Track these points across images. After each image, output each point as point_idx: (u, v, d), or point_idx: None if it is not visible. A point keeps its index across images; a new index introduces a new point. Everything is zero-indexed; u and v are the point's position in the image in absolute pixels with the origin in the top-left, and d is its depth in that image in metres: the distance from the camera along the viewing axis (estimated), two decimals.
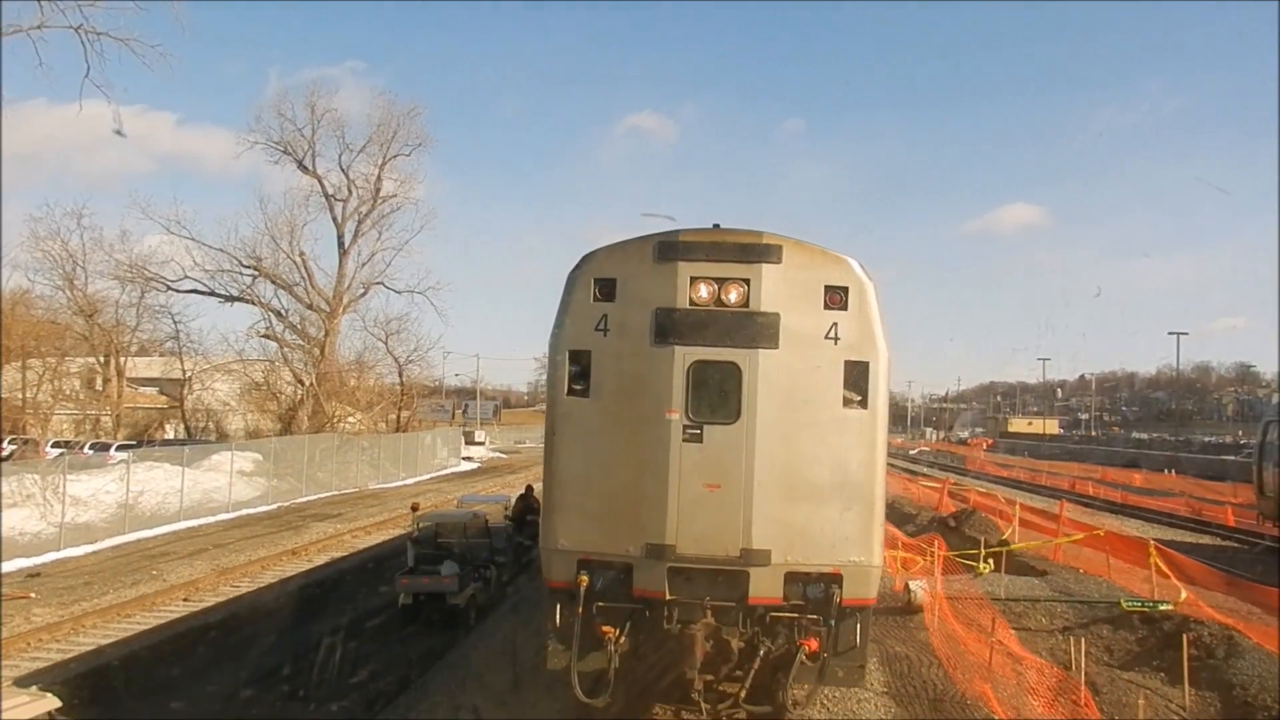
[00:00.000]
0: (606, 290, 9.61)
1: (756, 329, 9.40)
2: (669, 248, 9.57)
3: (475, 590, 18.49)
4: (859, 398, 9.44)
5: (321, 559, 26.11)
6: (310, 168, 58.41)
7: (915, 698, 13.03)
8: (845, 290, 9.52)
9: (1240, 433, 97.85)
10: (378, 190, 59.67)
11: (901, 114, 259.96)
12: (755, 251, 9.50)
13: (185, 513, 32.18)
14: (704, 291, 9.45)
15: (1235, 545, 31.45)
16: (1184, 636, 14.34)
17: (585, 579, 9.42)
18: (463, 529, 19.36)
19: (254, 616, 19.04)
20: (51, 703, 6.80)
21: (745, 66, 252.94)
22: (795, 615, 9.48)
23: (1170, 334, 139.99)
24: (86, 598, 19.78)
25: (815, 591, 9.42)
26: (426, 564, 18.46)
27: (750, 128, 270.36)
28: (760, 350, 9.38)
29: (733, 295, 9.44)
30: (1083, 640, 13.87)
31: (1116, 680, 14.08)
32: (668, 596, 9.38)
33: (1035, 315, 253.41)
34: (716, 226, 9.98)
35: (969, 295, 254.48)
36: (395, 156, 59.99)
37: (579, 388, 9.60)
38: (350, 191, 59.51)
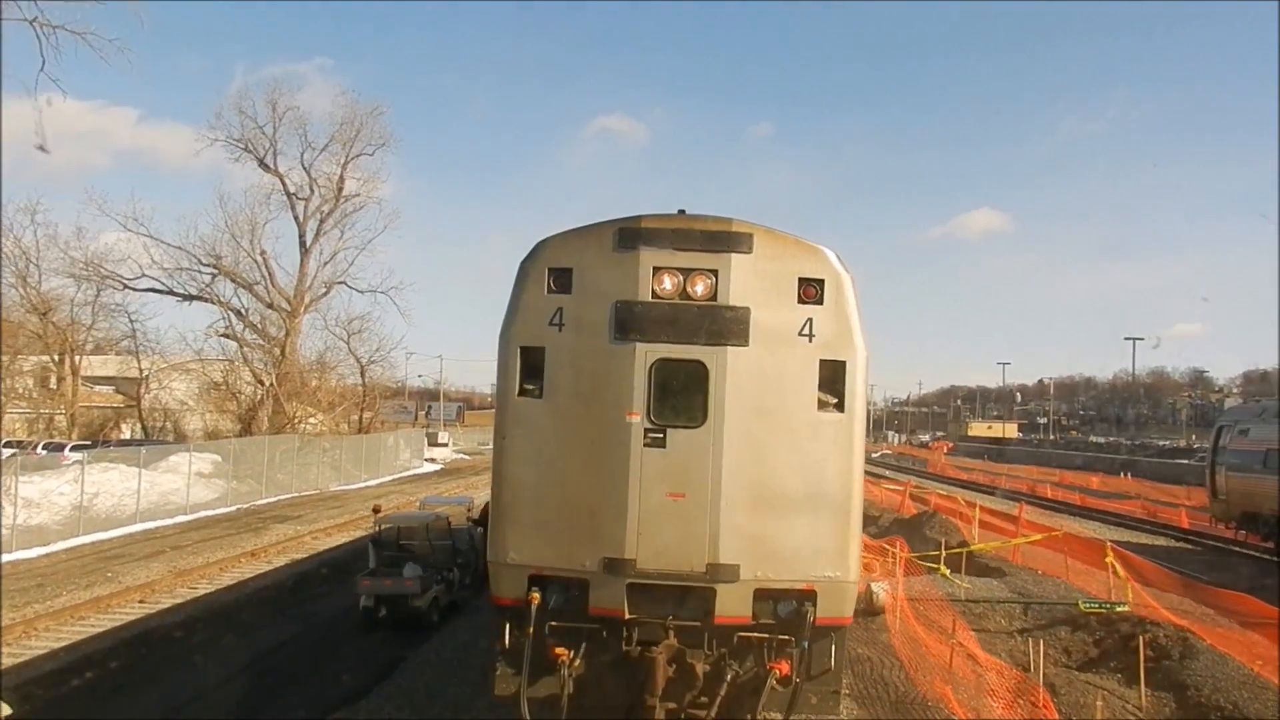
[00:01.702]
0: (562, 281, 8.84)
1: (725, 324, 8.67)
2: (630, 235, 8.81)
3: (438, 592, 18.36)
4: (835, 400, 8.76)
5: (281, 561, 25.82)
6: (272, 166, 57.53)
7: (877, 699, 13.11)
8: (821, 283, 8.81)
9: (1194, 437, 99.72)
10: (340, 189, 58.94)
11: (869, 119, 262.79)
12: (724, 240, 8.77)
13: (142, 515, 31.67)
14: (668, 283, 8.72)
15: (1188, 547, 32.06)
16: (1140, 638, 14.58)
17: (537, 596, 8.66)
18: (425, 531, 19.21)
19: (212, 619, 18.76)
20: (3, 710, 6.63)
21: (715, 69, 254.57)
22: (765, 636, 8.76)
23: (1127, 339, 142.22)
24: (39, 600, 19.40)
25: (787, 610, 8.70)
26: (388, 566, 18.30)
27: (720, 131, 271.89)
28: (729, 348, 8.66)
29: (699, 287, 8.72)
30: (1041, 642, 14.03)
31: (1074, 681, 14.26)
32: (627, 615, 8.66)
33: (996, 320, 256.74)
34: (682, 212, 9.25)
35: (932, 300, 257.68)
36: (358, 155, 59.24)
37: (531, 388, 8.82)
38: (312, 190, 58.74)
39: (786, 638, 8.69)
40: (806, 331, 8.73)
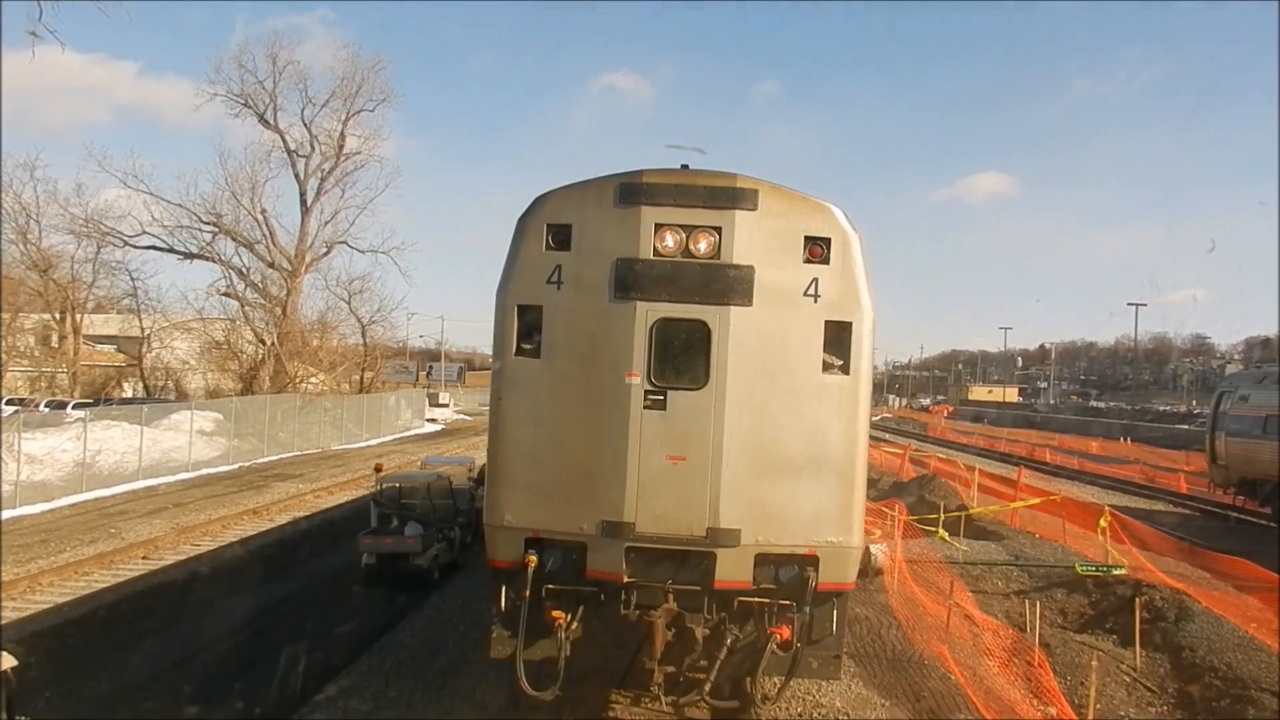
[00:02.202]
0: (561, 238, 8.63)
1: (728, 284, 8.44)
2: (631, 190, 8.56)
3: (439, 551, 18.47)
4: (840, 362, 8.57)
5: (283, 519, 25.93)
6: (272, 122, 57.14)
7: (875, 658, 13.24)
8: (827, 242, 8.56)
9: (1194, 403, 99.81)
10: (341, 146, 58.61)
11: (876, 79, 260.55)
12: (728, 196, 8.53)
13: (144, 472, 31.81)
14: (670, 240, 8.50)
15: (1186, 512, 32.19)
16: (1136, 600, 14.69)
17: (534, 559, 8.57)
18: (426, 490, 19.28)
19: (215, 576, 18.90)
20: (8, 661, 6.70)
21: (721, 26, 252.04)
22: (766, 601, 8.67)
23: (1130, 305, 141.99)
24: (43, 555, 19.52)
25: (788, 575, 8.60)
26: (390, 525, 18.39)
27: (726, 89, 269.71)
28: (732, 307, 8.44)
29: (702, 245, 8.49)
30: (1038, 603, 14.13)
31: (1070, 642, 14.38)
32: (625, 579, 8.55)
33: (1000, 284, 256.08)
34: (685, 167, 9.03)
35: (935, 263, 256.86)
36: (359, 112, 58.80)
37: (529, 347, 8.66)
38: (313, 147, 58.41)
39: (788, 603, 8.62)
40: (812, 292, 8.52)
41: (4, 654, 6.94)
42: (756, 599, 8.68)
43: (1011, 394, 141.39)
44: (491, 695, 10.65)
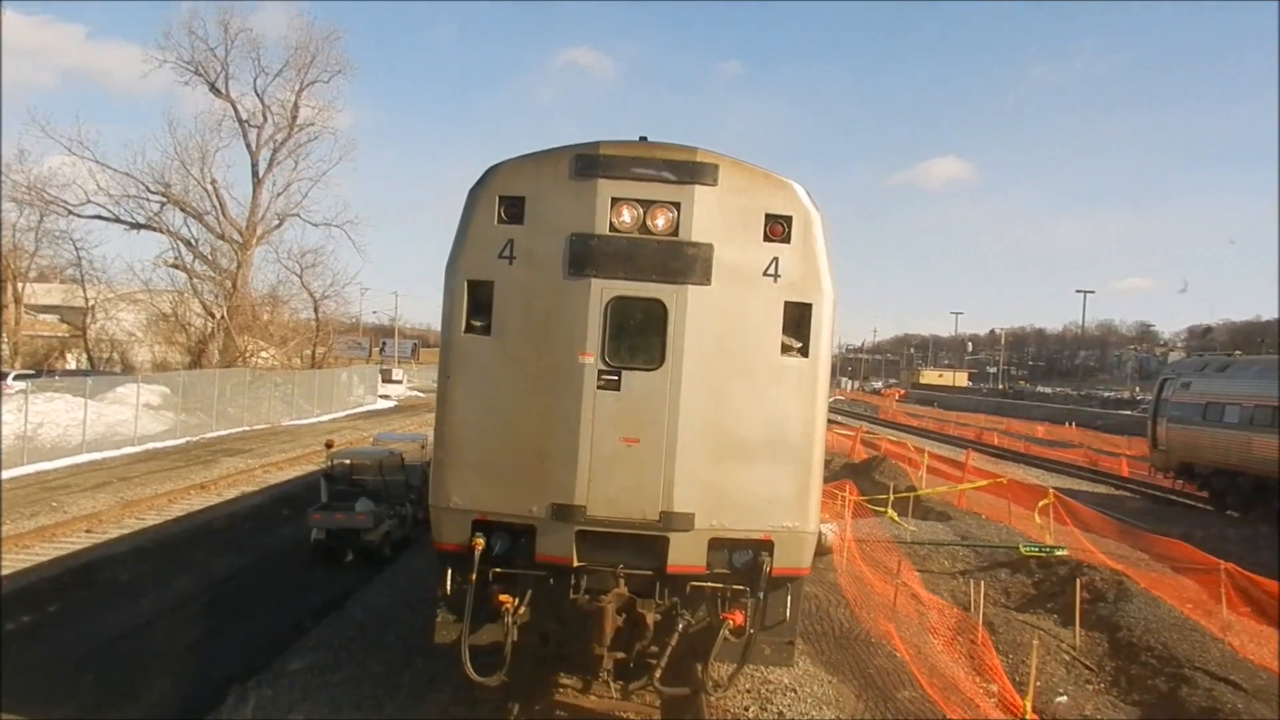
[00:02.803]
0: (513, 211, 8.32)
1: (686, 262, 8.21)
2: (588, 162, 8.27)
3: (390, 527, 18.37)
4: (799, 345, 8.38)
5: (232, 494, 25.62)
6: (223, 90, 55.80)
7: (823, 635, 13.42)
8: (789, 220, 8.35)
9: (1138, 389, 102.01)
10: (294, 117, 57.42)
11: (838, 63, 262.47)
12: (687, 170, 8.26)
13: (88, 445, 31.15)
14: (627, 216, 8.24)
15: (1127, 494, 33.02)
16: (1077, 581, 15.04)
17: (481, 542, 8.31)
18: (378, 466, 19.14)
19: (161, 550, 18.60)
20: None
21: (684, 5, 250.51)
22: (719, 586, 8.53)
23: (1078, 292, 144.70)
24: None
25: (742, 559, 8.45)
26: (340, 500, 18.23)
27: (688, 68, 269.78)
28: (690, 286, 8.21)
29: (660, 221, 8.24)
30: (982, 583, 14.43)
31: (1013, 621, 14.70)
32: (575, 563, 8.36)
33: (953, 269, 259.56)
34: (643, 140, 8.76)
35: (890, 247, 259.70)
36: (313, 82, 57.51)
37: (479, 324, 8.37)
38: (265, 117, 57.19)
39: (741, 588, 8.49)
40: (772, 271, 8.33)
41: None
42: (709, 584, 8.54)
43: (962, 378, 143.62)
44: (445, 672, 10.63)
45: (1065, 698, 11.49)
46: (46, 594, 15.08)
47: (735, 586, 8.52)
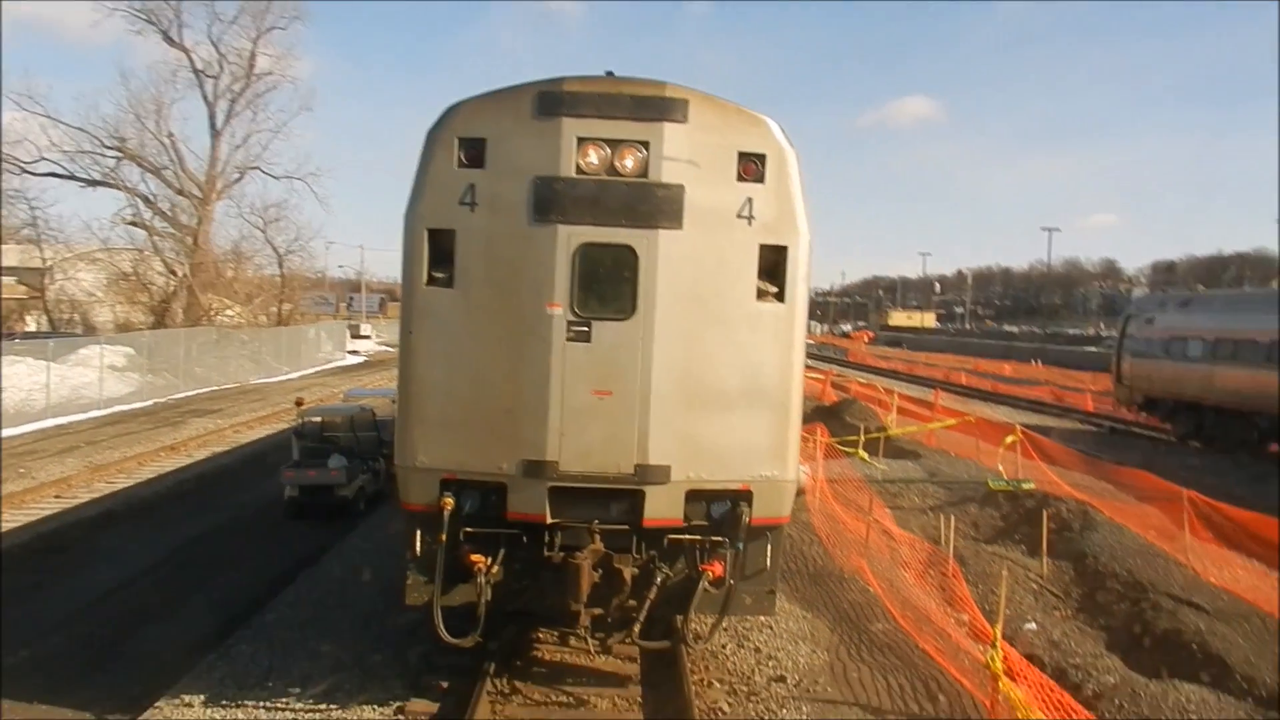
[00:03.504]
0: (474, 154, 7.94)
1: (656, 204, 7.88)
2: (551, 100, 7.87)
3: (364, 482, 18.36)
4: (775, 289, 8.13)
5: (202, 454, 25.43)
6: (177, 39, 54.25)
7: (797, 573, 13.63)
8: (762, 159, 8.03)
9: (1103, 325, 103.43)
10: (252, 66, 56.03)
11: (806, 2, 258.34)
12: (656, 106, 7.90)
13: (52, 410, 30.72)
14: (594, 157, 7.87)
15: (1093, 429, 33.60)
16: (1044, 512, 15.34)
17: (450, 501, 8.09)
18: (350, 423, 19.07)
19: (132, 513, 18.51)
20: None
21: None
22: (698, 538, 8.37)
23: (1044, 230, 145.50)
24: None
25: (720, 511, 8.29)
26: (313, 458, 18.17)
27: (656, 9, 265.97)
28: (661, 231, 7.90)
29: (629, 161, 7.88)
30: (952, 518, 14.67)
31: (982, 553, 14.99)
32: (549, 520, 8.16)
33: (922, 209, 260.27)
34: (610, 74, 8.41)
35: (859, 189, 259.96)
36: (271, 29, 56.09)
37: (440, 276, 8.04)
38: (222, 67, 55.66)
39: (720, 539, 8.35)
40: (746, 213, 8.02)
41: None
42: (687, 536, 8.37)
43: (930, 319, 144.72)
44: (425, 625, 10.69)
45: (1034, 625, 11.77)
46: (18, 561, 14.95)
47: (714, 538, 8.36)
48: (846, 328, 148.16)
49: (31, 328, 53.98)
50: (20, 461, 22.90)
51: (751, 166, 8.06)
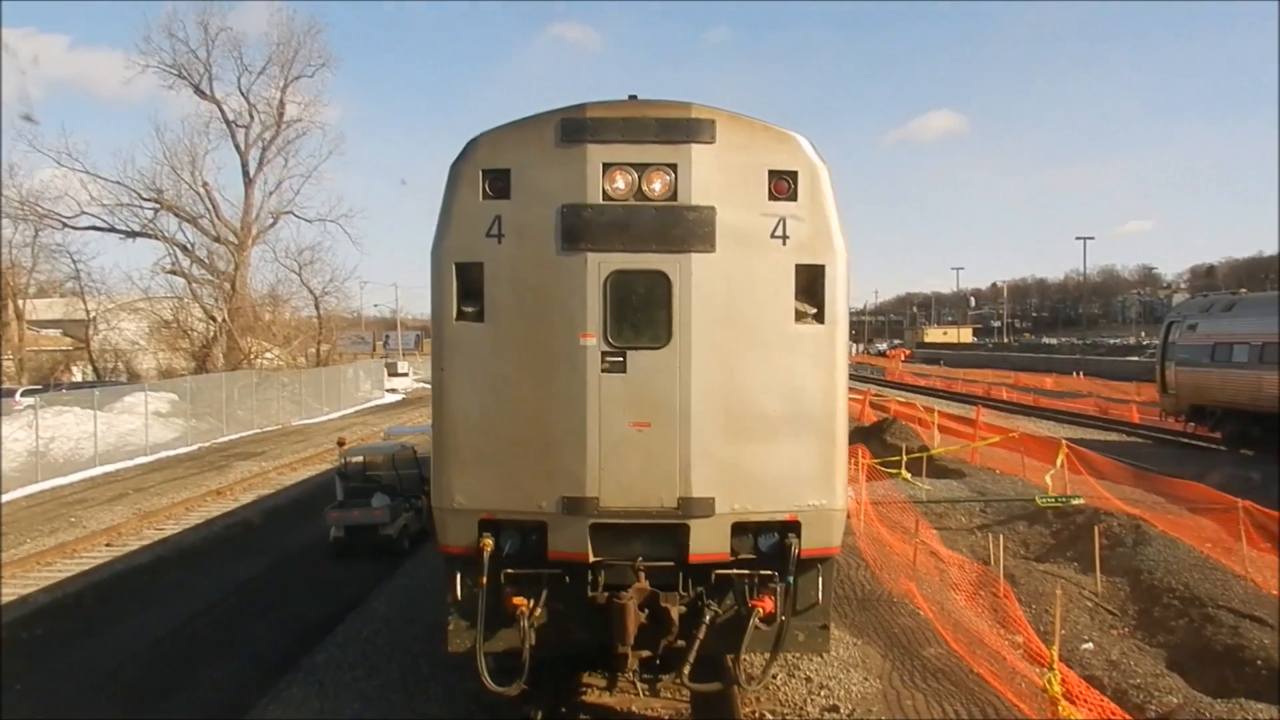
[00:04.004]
0: (498, 185, 7.84)
1: (687, 228, 7.74)
2: (574, 126, 7.78)
3: (407, 520, 18.45)
4: (814, 310, 7.93)
5: (248, 498, 25.71)
6: (208, 92, 55.63)
7: (845, 598, 13.46)
8: (794, 176, 7.86)
9: (1143, 334, 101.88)
10: (281, 114, 57.25)
11: (826, 21, 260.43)
12: (682, 128, 7.77)
13: (101, 458, 31.27)
14: (621, 182, 7.76)
15: (1140, 440, 32.99)
16: (1095, 528, 15.07)
17: (489, 542, 7.91)
18: (391, 461, 19.20)
19: (181, 558, 18.72)
20: None
21: None
22: (746, 572, 8.08)
23: (1078, 239, 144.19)
24: (3, 549, 19.17)
25: (768, 543, 8.04)
26: (356, 497, 18.31)
27: (676, 37, 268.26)
28: (693, 254, 7.74)
29: (656, 185, 7.75)
30: (1000, 536, 14.45)
31: (1033, 571, 14.73)
32: (591, 558, 7.93)
33: (952, 223, 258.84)
34: (633, 98, 8.25)
35: (889, 208, 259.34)
36: (298, 78, 57.39)
37: (470, 310, 7.91)
38: (252, 116, 57.03)
39: (769, 573, 8.07)
40: (780, 233, 7.85)
41: None
42: (735, 571, 8.09)
43: (966, 334, 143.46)
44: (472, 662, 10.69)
45: (1091, 644, 11.54)
46: (72, 609, 15.19)
47: (763, 572, 8.08)
48: (882, 346, 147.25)
49: (78, 378, 55.02)
50: (70, 511, 23.29)
51: (783, 184, 7.88)
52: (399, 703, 10.08)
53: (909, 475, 21.83)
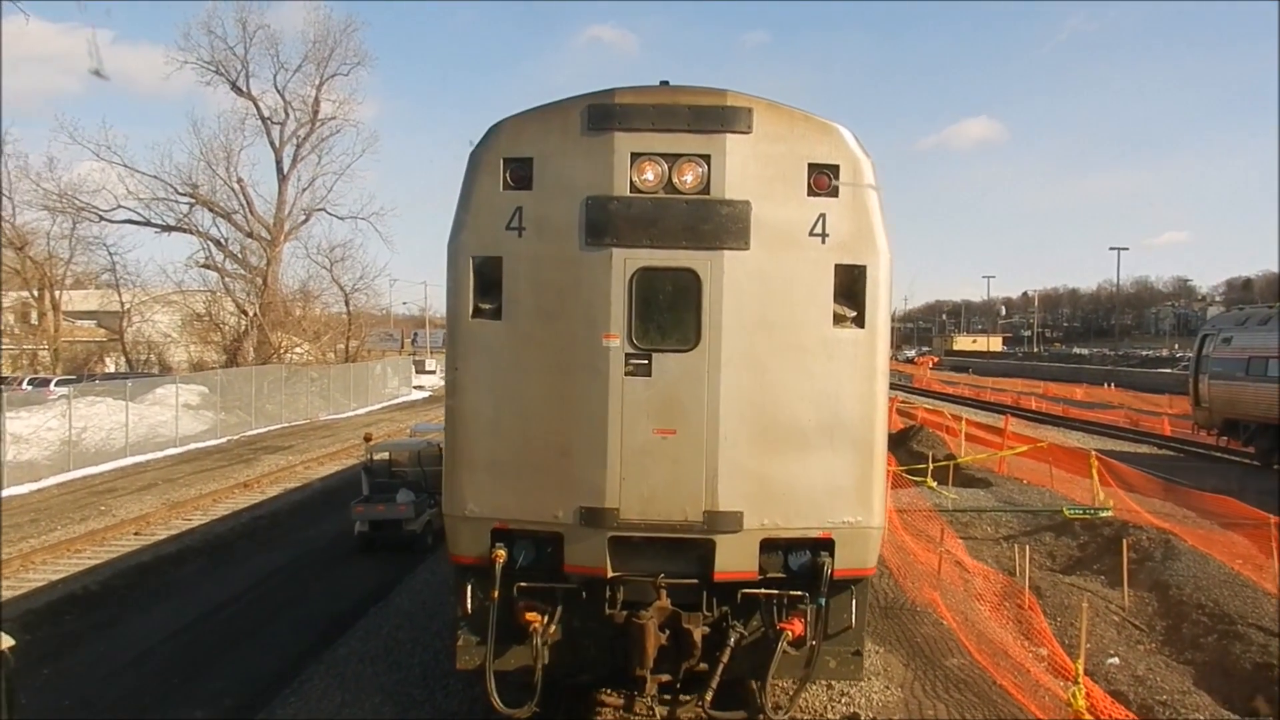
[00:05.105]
0: (520, 174, 7.40)
1: (720, 223, 7.25)
2: (602, 113, 7.30)
3: (431, 516, 18.51)
4: (854, 313, 7.42)
5: (275, 491, 25.92)
6: (244, 89, 56.35)
7: (868, 606, 13.36)
8: (835, 170, 7.36)
9: (1176, 346, 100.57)
10: (316, 112, 57.88)
11: (864, 25, 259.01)
12: (717, 117, 7.27)
13: (131, 448, 31.64)
14: (650, 173, 7.30)
15: (1171, 454, 32.56)
16: (1123, 541, 14.88)
17: (502, 553, 7.47)
18: (417, 457, 19.33)
19: (208, 549, 18.89)
20: (5, 640, 6.67)
21: None
22: (775, 592, 7.57)
23: (1111, 249, 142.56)
24: (34, 535, 19.45)
25: (799, 561, 7.52)
26: (381, 492, 18.44)
27: (713, 40, 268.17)
28: (726, 252, 7.26)
29: (688, 177, 7.28)
30: (1027, 547, 14.31)
31: (1059, 584, 14.57)
32: (610, 573, 7.46)
33: (985, 231, 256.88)
34: (665, 84, 7.76)
35: (921, 214, 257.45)
36: (333, 76, 58.00)
37: (487, 307, 7.49)
38: (287, 114, 57.71)
39: (799, 593, 7.57)
40: (819, 230, 7.35)
41: (2, 634, 6.91)
42: (763, 591, 7.59)
43: (996, 343, 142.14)
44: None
45: (1117, 659, 11.38)
46: (99, 596, 15.36)
47: (793, 592, 7.59)
48: (911, 353, 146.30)
49: (111, 369, 55.78)
50: (101, 499, 23.58)
51: (824, 179, 7.39)
52: (419, 698, 10.11)
53: (935, 484, 21.69)
